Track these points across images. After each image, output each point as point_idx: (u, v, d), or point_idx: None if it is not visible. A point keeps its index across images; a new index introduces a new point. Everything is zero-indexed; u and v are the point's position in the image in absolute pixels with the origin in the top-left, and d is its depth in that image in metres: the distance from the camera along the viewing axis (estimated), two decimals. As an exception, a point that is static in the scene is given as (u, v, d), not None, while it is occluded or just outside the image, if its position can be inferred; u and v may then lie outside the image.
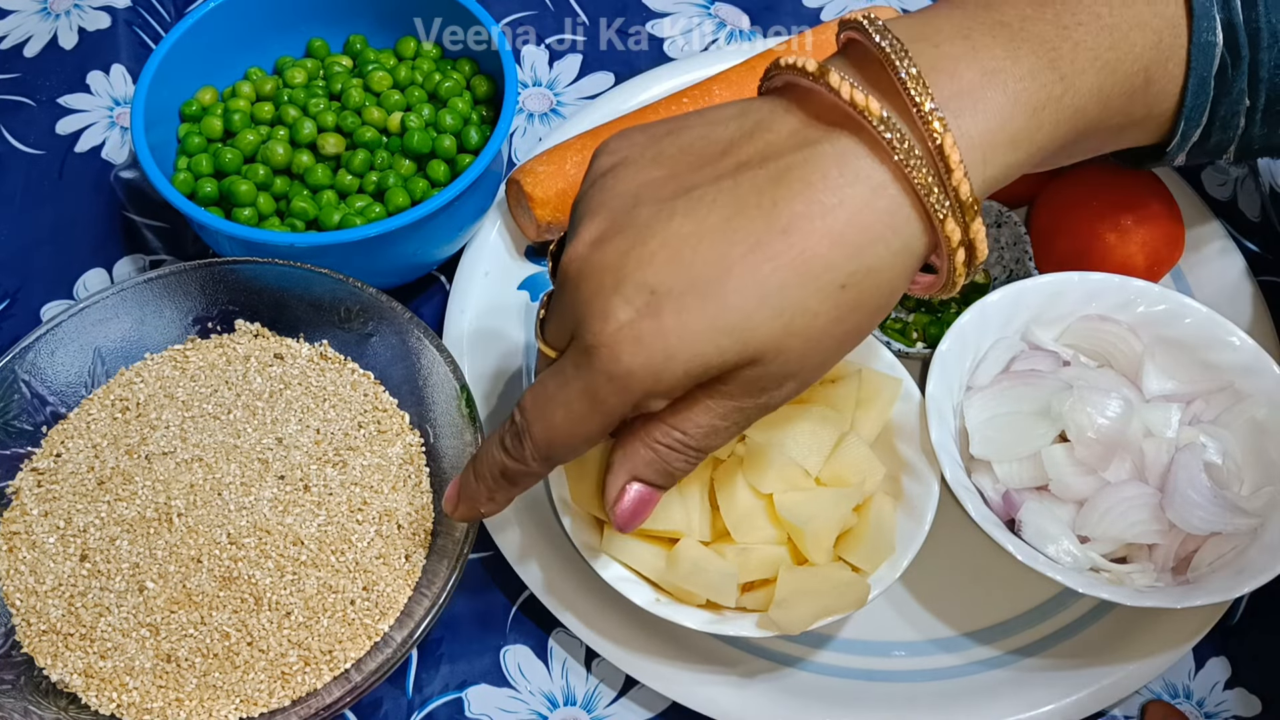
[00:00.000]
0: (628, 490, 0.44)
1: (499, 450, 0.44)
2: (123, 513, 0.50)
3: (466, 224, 0.61)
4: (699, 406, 0.42)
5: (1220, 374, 0.55)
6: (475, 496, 0.46)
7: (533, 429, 0.42)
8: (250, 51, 0.64)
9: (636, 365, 0.39)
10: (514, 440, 0.43)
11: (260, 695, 0.48)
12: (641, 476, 0.44)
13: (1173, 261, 0.61)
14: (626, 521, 0.44)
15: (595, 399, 0.40)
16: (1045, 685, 0.53)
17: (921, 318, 0.61)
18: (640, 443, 0.43)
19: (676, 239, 0.39)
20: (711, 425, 0.42)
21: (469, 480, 0.46)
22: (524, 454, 0.43)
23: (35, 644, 0.49)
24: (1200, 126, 0.48)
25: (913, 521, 0.51)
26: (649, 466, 0.43)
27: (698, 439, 0.42)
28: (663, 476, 0.44)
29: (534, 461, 0.43)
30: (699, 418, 0.42)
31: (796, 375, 0.41)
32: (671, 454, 0.43)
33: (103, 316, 0.54)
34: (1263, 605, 0.55)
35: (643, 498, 0.44)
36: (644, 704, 0.53)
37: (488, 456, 0.45)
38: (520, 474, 0.44)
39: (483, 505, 0.46)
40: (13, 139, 0.69)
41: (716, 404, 0.41)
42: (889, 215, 0.39)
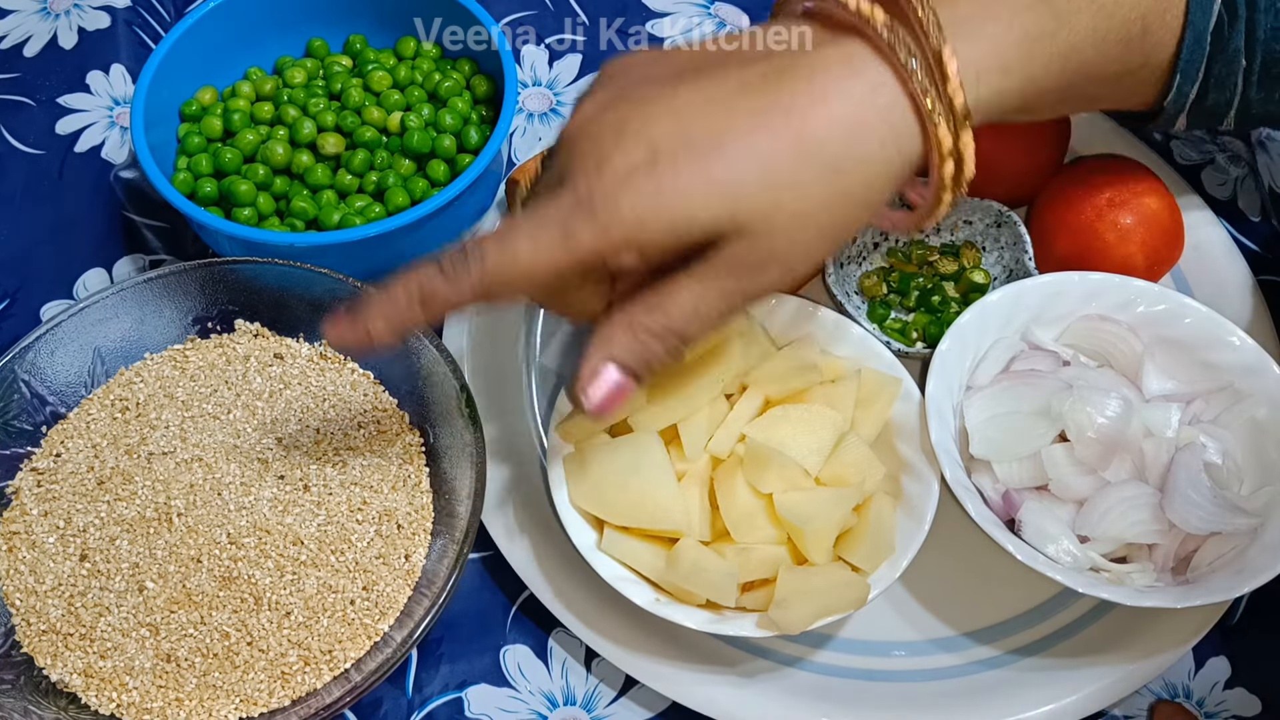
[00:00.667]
0: (603, 372, 0.42)
1: (431, 272, 0.42)
2: (122, 512, 0.50)
3: (466, 224, 0.61)
4: (681, 287, 0.41)
5: (1220, 374, 0.55)
6: (371, 317, 0.43)
7: (487, 255, 0.41)
8: (250, 51, 0.64)
9: (623, 207, 0.39)
10: (456, 264, 0.41)
11: (260, 695, 0.48)
12: (618, 359, 0.42)
13: (1173, 261, 0.61)
14: (597, 405, 0.42)
15: (569, 233, 0.40)
16: (1045, 685, 0.52)
17: (921, 317, 0.61)
18: (620, 325, 0.42)
19: (681, 105, 0.41)
20: (694, 308, 0.41)
21: (372, 298, 0.43)
22: (462, 278, 0.41)
23: (35, 644, 0.49)
24: (1196, 83, 0.49)
25: (912, 521, 0.51)
26: (627, 350, 0.42)
27: (679, 322, 0.42)
28: (639, 363, 0.42)
29: (468, 289, 0.41)
30: (681, 298, 0.41)
31: (781, 260, 0.41)
32: (651, 338, 0.42)
33: (102, 316, 0.54)
34: (1263, 605, 0.55)
35: (618, 385, 0.43)
36: (644, 704, 0.53)
37: (409, 278, 0.42)
38: (444, 301, 0.42)
39: (374, 329, 0.43)
40: (12, 139, 0.69)
41: (699, 284, 0.41)
42: (886, 111, 0.41)
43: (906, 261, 0.62)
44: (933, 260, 0.62)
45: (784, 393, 0.53)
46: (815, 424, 0.52)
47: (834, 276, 0.59)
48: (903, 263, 0.62)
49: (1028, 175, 0.62)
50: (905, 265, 0.62)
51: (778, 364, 0.54)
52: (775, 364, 0.54)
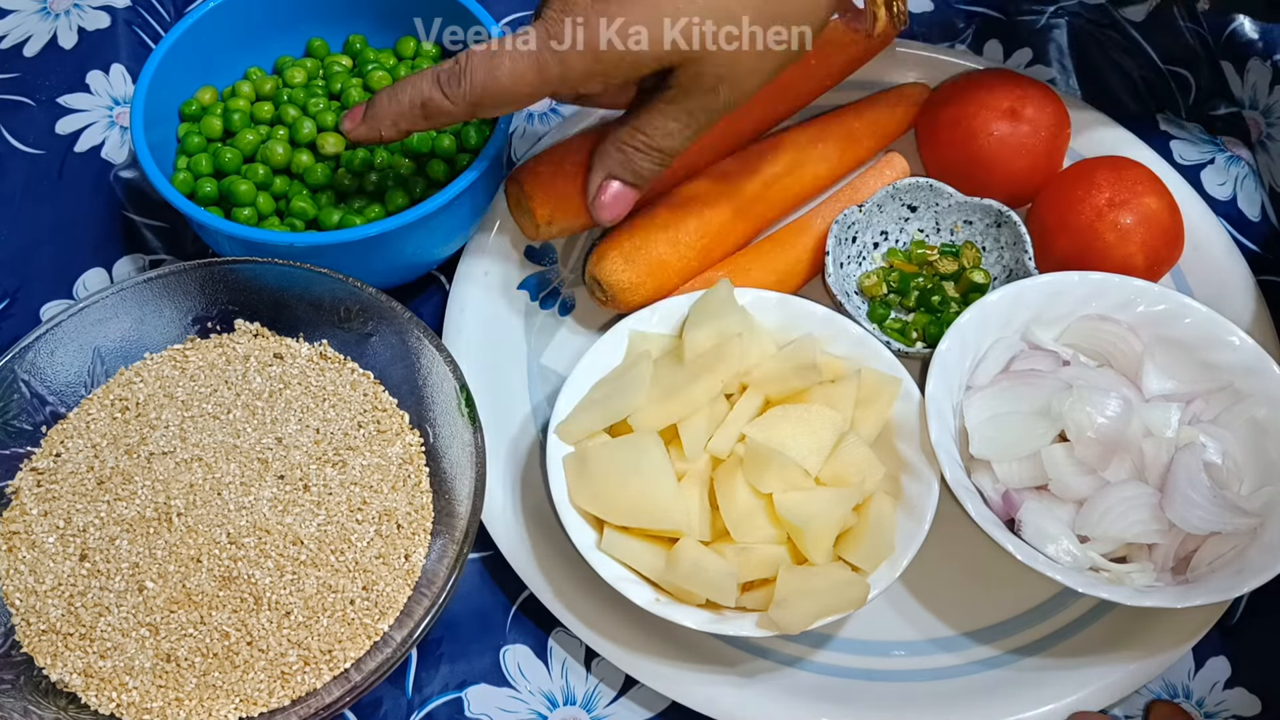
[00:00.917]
0: (606, 186, 0.53)
1: (430, 84, 0.50)
2: (122, 512, 0.50)
3: (466, 224, 0.61)
4: (654, 109, 0.50)
5: (1220, 374, 0.55)
6: (382, 119, 0.51)
7: (475, 74, 0.49)
8: (250, 51, 0.64)
9: (581, 40, 0.47)
10: (451, 79, 0.49)
11: (260, 695, 0.48)
12: (615, 174, 0.53)
13: (1173, 261, 0.61)
14: (606, 211, 0.53)
15: (540, 64, 0.48)
16: (1045, 685, 0.53)
17: (921, 317, 0.61)
18: (612, 147, 0.52)
19: None
20: (665, 126, 0.51)
21: (382, 102, 0.51)
22: (457, 94, 0.49)
23: (35, 644, 0.49)
24: None
25: (912, 521, 0.51)
26: (621, 166, 0.52)
27: (657, 138, 0.51)
28: (633, 175, 0.53)
29: (461, 103, 0.49)
30: (655, 120, 0.51)
31: (728, 79, 0.49)
32: (637, 153, 0.52)
33: (102, 316, 0.54)
34: (1262, 605, 0.55)
35: (620, 193, 0.53)
36: (644, 703, 0.53)
37: (414, 87, 0.50)
38: (441, 112, 0.50)
39: (384, 129, 0.51)
40: (12, 139, 0.69)
41: (667, 106, 0.50)
42: None
43: (906, 261, 0.62)
44: (933, 260, 0.62)
45: (784, 393, 0.53)
46: (815, 424, 0.52)
47: (834, 276, 0.59)
48: (903, 263, 0.62)
49: (1028, 175, 0.62)
50: (905, 265, 0.62)
51: (778, 364, 0.54)
52: (775, 364, 0.54)
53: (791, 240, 0.62)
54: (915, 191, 0.62)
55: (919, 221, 0.63)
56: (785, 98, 0.65)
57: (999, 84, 0.63)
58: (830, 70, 0.66)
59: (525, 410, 0.59)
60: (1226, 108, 0.71)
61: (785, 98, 0.65)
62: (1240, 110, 0.71)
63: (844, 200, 0.63)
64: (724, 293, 0.55)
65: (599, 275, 0.59)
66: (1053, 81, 0.72)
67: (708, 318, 0.55)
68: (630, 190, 0.53)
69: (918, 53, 0.69)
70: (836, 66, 0.66)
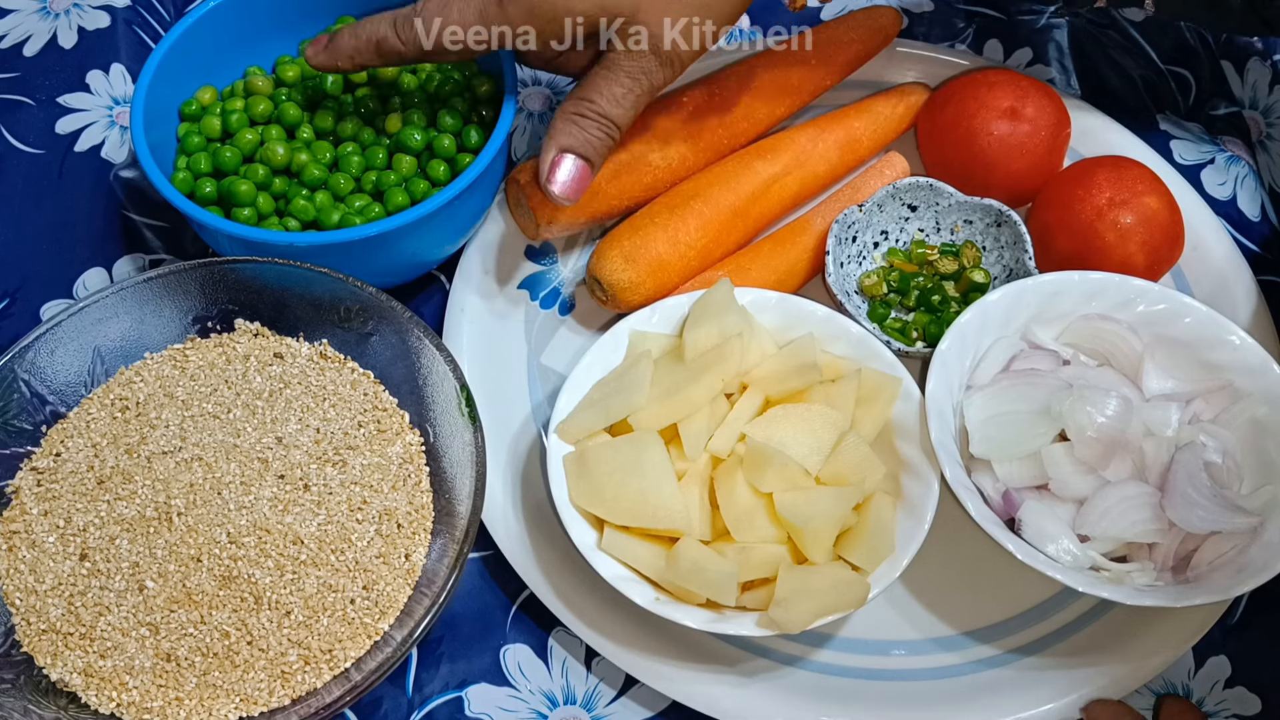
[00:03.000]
0: (560, 160, 0.53)
1: (388, 25, 0.54)
2: (122, 512, 0.50)
3: (466, 224, 0.61)
4: (597, 77, 0.53)
5: (1220, 373, 0.55)
6: (341, 51, 0.55)
7: (426, 19, 0.53)
8: (250, 51, 0.64)
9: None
10: (404, 21, 0.53)
11: (260, 694, 0.48)
12: (567, 146, 0.53)
13: (1173, 261, 0.61)
14: (562, 188, 0.53)
15: (483, 13, 0.52)
16: (1045, 684, 0.53)
17: (921, 317, 0.61)
18: (561, 119, 0.53)
19: None
20: (611, 92, 0.53)
21: (343, 36, 0.55)
22: (408, 35, 0.53)
23: (35, 643, 0.49)
24: None
25: (912, 521, 0.51)
26: (572, 136, 0.53)
27: (604, 106, 0.53)
28: (584, 145, 0.53)
29: (412, 45, 0.53)
30: (599, 86, 0.53)
31: (661, 39, 0.52)
32: (587, 122, 0.53)
33: (102, 316, 0.54)
34: (1262, 604, 0.55)
35: (578, 168, 0.53)
36: (644, 703, 0.53)
37: (371, 25, 0.54)
38: (393, 51, 0.54)
39: (341, 61, 0.55)
40: (12, 138, 0.69)
41: (609, 72, 0.53)
42: None
43: (907, 261, 0.62)
44: (933, 260, 0.62)
45: (784, 392, 0.53)
46: (815, 423, 0.52)
47: (834, 276, 0.59)
48: (903, 262, 0.62)
49: (1028, 175, 0.62)
50: (905, 265, 0.62)
51: (778, 364, 0.54)
52: (775, 364, 0.54)
53: (791, 240, 0.62)
54: (915, 191, 0.62)
55: (919, 221, 0.63)
56: (785, 98, 0.65)
57: (999, 84, 0.63)
58: (830, 70, 0.66)
59: (525, 410, 0.59)
60: (1226, 108, 0.71)
61: (785, 98, 0.65)
62: (1240, 110, 0.71)
63: (844, 200, 0.63)
64: (724, 292, 0.55)
65: (599, 275, 0.59)
66: (1052, 81, 0.72)
67: (708, 317, 0.55)
68: (584, 165, 0.53)
69: (918, 53, 0.69)
70: (836, 66, 0.66)
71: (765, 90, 0.64)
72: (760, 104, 0.64)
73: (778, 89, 0.65)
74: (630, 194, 0.61)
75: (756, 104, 0.64)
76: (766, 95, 0.64)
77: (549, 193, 0.53)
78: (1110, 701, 0.51)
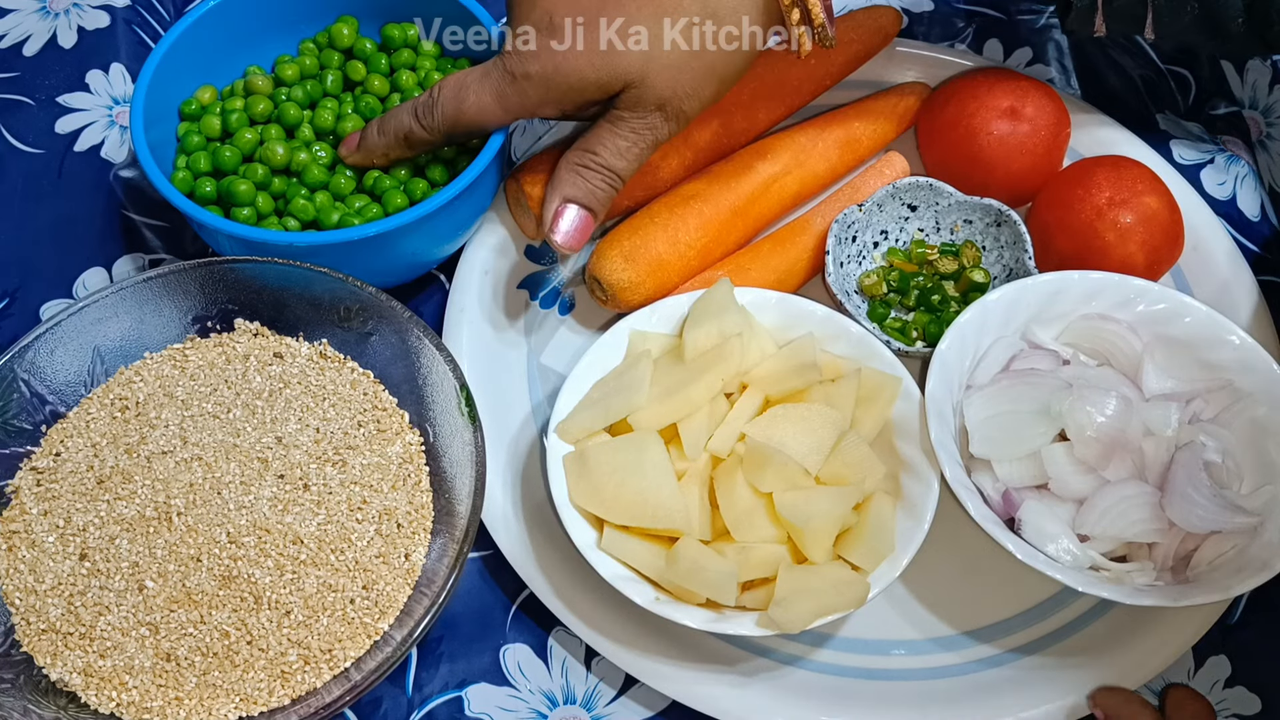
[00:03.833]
0: (563, 210, 0.54)
1: (410, 117, 0.55)
2: (122, 512, 0.50)
3: (466, 223, 0.61)
4: (602, 130, 0.53)
5: (1220, 372, 0.55)
6: (374, 149, 0.57)
7: (445, 106, 0.54)
8: (249, 51, 0.64)
9: (533, 72, 0.52)
10: (426, 112, 0.54)
11: (260, 694, 0.48)
12: (571, 197, 0.54)
13: (1172, 260, 0.61)
14: (567, 238, 0.54)
15: (500, 95, 0.53)
16: (1045, 684, 0.53)
17: (921, 317, 0.61)
18: (565, 171, 0.54)
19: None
20: (615, 145, 0.53)
21: (372, 134, 0.57)
22: (432, 124, 0.54)
23: (34, 643, 0.49)
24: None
25: (912, 520, 0.51)
26: (575, 187, 0.54)
27: (608, 158, 0.53)
28: (587, 195, 0.54)
29: (436, 133, 0.55)
30: (604, 140, 0.53)
31: (669, 101, 0.52)
32: (590, 173, 0.54)
33: (102, 315, 0.54)
34: (1262, 603, 0.55)
35: (580, 219, 0.54)
36: (644, 702, 0.53)
37: (397, 121, 0.56)
38: (421, 140, 0.55)
39: (376, 158, 0.57)
40: (12, 138, 0.69)
41: (614, 125, 0.53)
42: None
43: (906, 260, 0.62)
44: (933, 259, 0.62)
45: (784, 392, 0.53)
46: (815, 423, 0.52)
47: (834, 276, 0.59)
48: (903, 262, 0.62)
49: (1028, 175, 0.62)
50: (905, 264, 0.62)
51: (777, 363, 0.54)
52: (775, 363, 0.54)
53: (791, 240, 0.62)
54: (915, 191, 0.62)
55: (919, 221, 0.63)
56: (785, 98, 0.65)
57: (999, 84, 0.63)
58: (830, 70, 0.66)
59: (525, 410, 0.59)
60: (1226, 107, 0.71)
61: (785, 98, 0.65)
62: (1240, 110, 0.71)
63: (844, 200, 0.63)
64: (724, 292, 0.55)
65: (599, 274, 0.59)
66: (1052, 81, 0.72)
67: (708, 317, 0.55)
68: (587, 215, 0.54)
69: (918, 52, 0.69)
70: (836, 66, 0.66)
71: (765, 90, 0.64)
72: (760, 104, 0.64)
73: (777, 89, 0.65)
74: (630, 194, 0.61)
75: (756, 104, 0.64)
76: (766, 95, 0.64)
77: (552, 242, 0.54)
78: (1117, 689, 0.51)
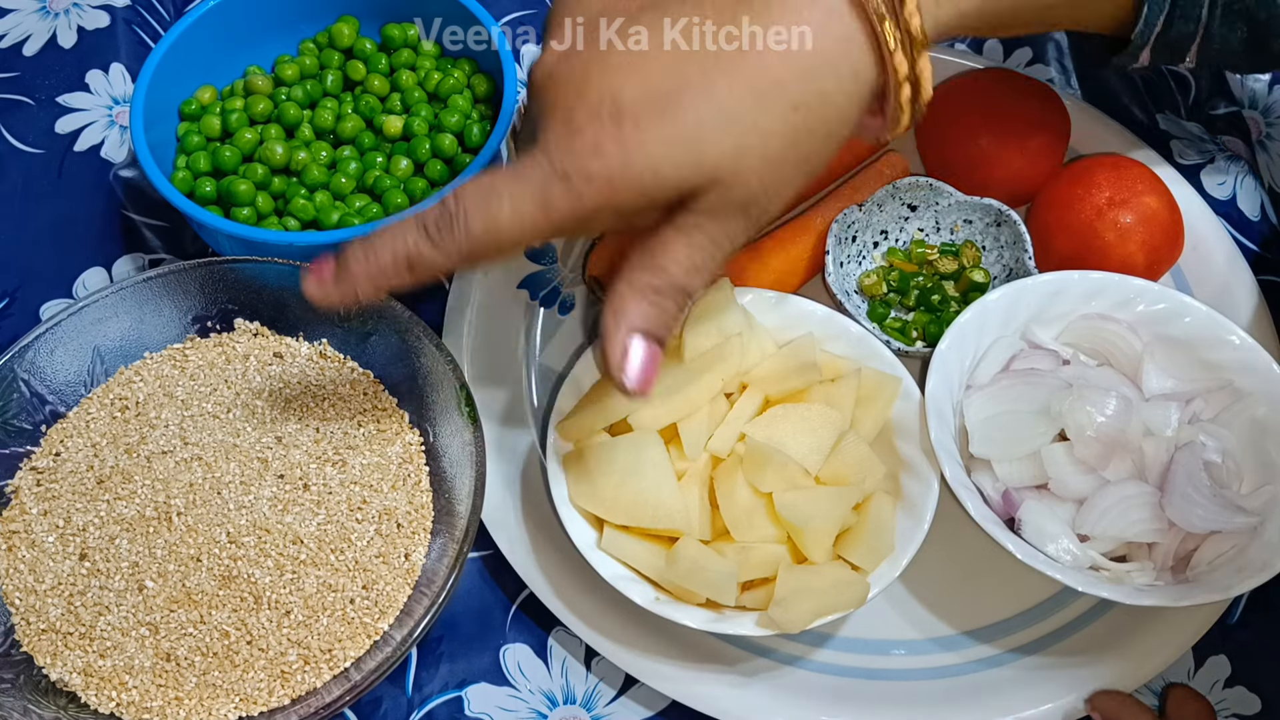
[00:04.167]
0: (631, 347, 0.42)
1: (416, 235, 0.41)
2: (122, 512, 0.50)
3: (466, 223, 0.61)
4: (673, 241, 0.42)
5: (1220, 372, 0.55)
6: (357, 279, 0.42)
7: (471, 219, 0.40)
8: (249, 51, 0.64)
9: (595, 170, 0.39)
10: (442, 229, 0.41)
11: (260, 694, 0.48)
12: (638, 327, 0.42)
13: (1172, 260, 0.61)
14: (639, 379, 0.42)
15: (545, 201, 0.40)
16: (1045, 683, 0.52)
17: (921, 316, 0.61)
18: (629, 294, 0.42)
19: (639, 54, 0.40)
20: (690, 259, 0.42)
21: (357, 259, 0.42)
22: (450, 243, 0.41)
23: (34, 643, 0.49)
24: (1164, 12, 0.49)
25: (912, 520, 0.51)
26: (643, 316, 0.42)
27: (680, 277, 0.42)
28: (658, 325, 0.43)
29: (457, 254, 0.41)
30: (677, 253, 0.42)
31: (757, 200, 0.41)
32: (660, 298, 0.42)
33: (102, 315, 0.54)
34: (1262, 603, 0.55)
35: (649, 355, 0.43)
36: (644, 702, 0.53)
37: (395, 240, 0.42)
38: (430, 265, 0.41)
39: (361, 290, 0.42)
40: (12, 138, 0.69)
41: (687, 236, 0.41)
42: (843, 42, 0.41)
43: (906, 260, 0.62)
44: (932, 259, 0.62)
45: (784, 392, 0.53)
46: (815, 423, 0.52)
47: (834, 276, 0.59)
48: (903, 262, 0.62)
49: (1028, 175, 0.62)
50: (905, 264, 0.62)
51: (777, 363, 0.54)
52: (775, 363, 0.54)
53: (791, 240, 0.62)
54: (915, 191, 0.62)
55: (919, 221, 0.63)
56: None
57: (999, 84, 0.63)
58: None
59: (525, 410, 0.59)
60: (1226, 108, 0.71)
61: None
62: (1240, 110, 0.71)
63: (844, 200, 0.63)
64: (724, 292, 0.55)
65: (599, 275, 0.59)
66: (1052, 81, 0.72)
67: (708, 317, 0.55)
68: (657, 349, 0.43)
69: (917, 52, 0.69)
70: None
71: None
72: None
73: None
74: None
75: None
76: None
77: (620, 385, 0.43)
78: (1115, 692, 0.51)
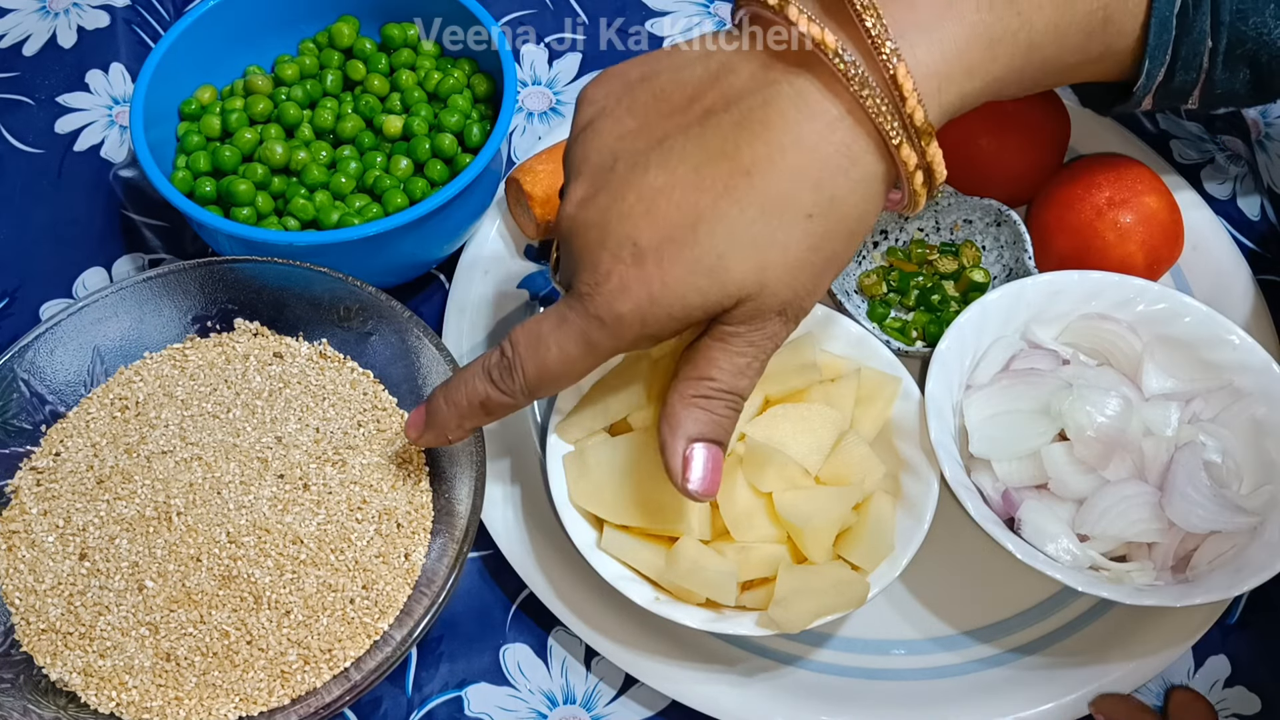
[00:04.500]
0: (692, 454, 0.44)
1: (484, 382, 0.46)
2: (122, 511, 0.50)
3: (466, 223, 0.61)
4: (715, 350, 0.44)
5: (1219, 372, 0.55)
6: (445, 424, 0.48)
7: (526, 365, 0.45)
8: (249, 50, 0.64)
9: (625, 310, 0.42)
10: (504, 373, 0.46)
11: (260, 694, 0.48)
12: (694, 435, 0.45)
13: (1172, 260, 0.61)
14: (704, 485, 0.45)
15: (588, 342, 0.44)
16: (1045, 683, 0.53)
17: (921, 317, 0.61)
18: (680, 406, 0.45)
19: (651, 192, 0.42)
20: (734, 365, 0.44)
21: (440, 408, 0.48)
22: (513, 387, 0.46)
23: (34, 643, 0.49)
24: (1164, 65, 0.50)
25: (912, 520, 0.51)
26: (698, 423, 0.45)
27: (728, 381, 0.44)
28: (715, 429, 0.45)
29: (521, 395, 0.46)
30: (719, 361, 0.44)
31: (790, 303, 0.43)
32: (713, 403, 0.45)
33: (102, 315, 0.54)
34: (1262, 603, 0.55)
35: (711, 456, 0.45)
36: (643, 702, 0.53)
37: (468, 387, 0.47)
38: (502, 406, 0.47)
39: (451, 433, 0.48)
40: (12, 138, 0.69)
41: (726, 345, 0.44)
42: (846, 146, 0.41)
43: (906, 260, 0.62)
44: (932, 259, 0.62)
45: (783, 392, 0.53)
46: (815, 423, 0.52)
47: (834, 275, 0.59)
48: (902, 261, 0.62)
49: (1028, 175, 0.62)
50: (905, 264, 0.62)
51: (777, 363, 0.54)
52: (775, 363, 0.54)
53: (791, 239, 0.62)
54: (915, 191, 0.62)
55: (919, 220, 0.63)
56: None
57: (999, 83, 0.63)
58: None
59: (525, 410, 0.59)
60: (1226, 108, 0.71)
61: None
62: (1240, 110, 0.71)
63: (844, 199, 0.63)
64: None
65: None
66: (1052, 81, 0.72)
67: (707, 317, 0.55)
68: (717, 450, 0.45)
69: (917, 52, 0.69)
70: None
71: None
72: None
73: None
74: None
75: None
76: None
77: (686, 492, 0.45)
78: (1119, 695, 0.51)
